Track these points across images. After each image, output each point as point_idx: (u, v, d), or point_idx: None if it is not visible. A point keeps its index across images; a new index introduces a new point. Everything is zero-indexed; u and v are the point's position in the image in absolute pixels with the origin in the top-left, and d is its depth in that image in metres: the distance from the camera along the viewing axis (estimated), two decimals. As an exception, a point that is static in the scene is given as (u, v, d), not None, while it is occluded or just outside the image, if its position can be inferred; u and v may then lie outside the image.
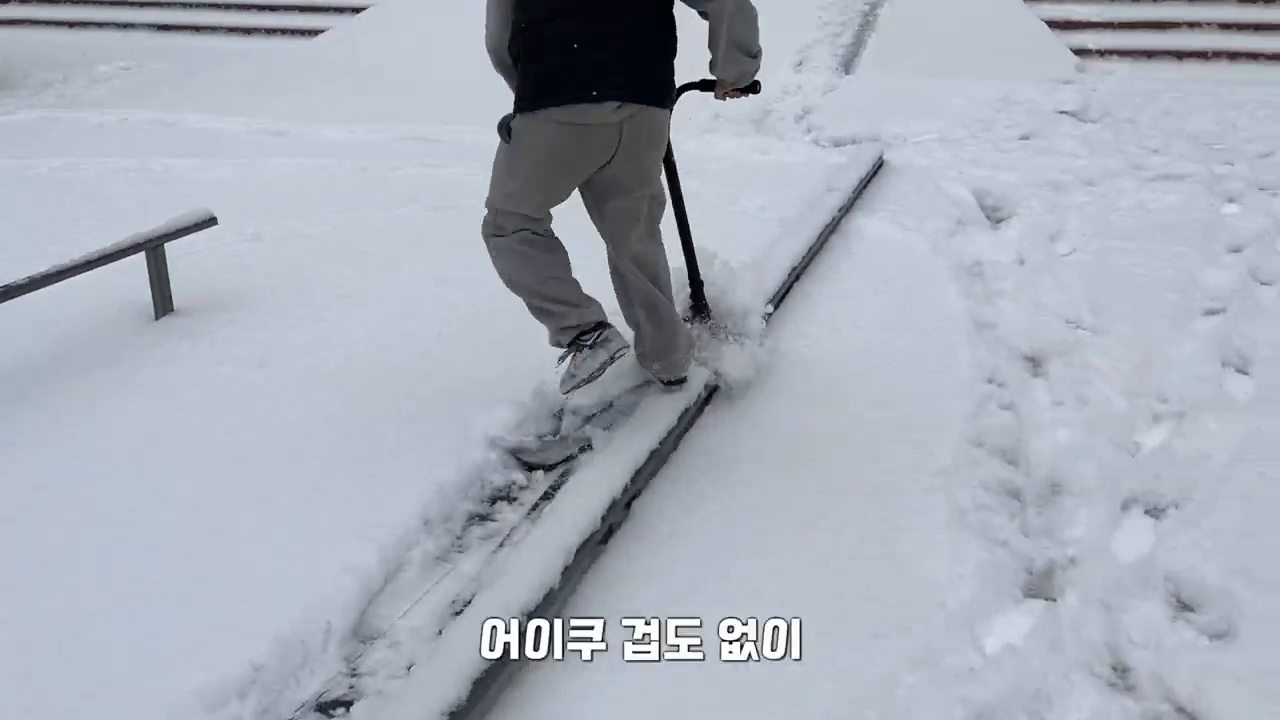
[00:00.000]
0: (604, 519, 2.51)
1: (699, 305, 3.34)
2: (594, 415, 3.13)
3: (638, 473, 2.72)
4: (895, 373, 3.48)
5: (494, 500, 2.79)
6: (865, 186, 5.62)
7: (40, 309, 3.73)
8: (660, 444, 2.87)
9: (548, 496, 2.72)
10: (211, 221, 4.11)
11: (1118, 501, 2.75)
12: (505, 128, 2.77)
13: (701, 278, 3.33)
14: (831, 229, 4.85)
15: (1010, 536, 2.60)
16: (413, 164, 6.26)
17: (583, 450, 2.94)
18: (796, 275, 4.26)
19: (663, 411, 3.03)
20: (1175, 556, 2.43)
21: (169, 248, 4.00)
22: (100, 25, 12.07)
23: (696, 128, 7.05)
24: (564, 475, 2.82)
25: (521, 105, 2.70)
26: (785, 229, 4.82)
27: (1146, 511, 2.74)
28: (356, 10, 11.44)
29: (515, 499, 2.80)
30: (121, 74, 9.73)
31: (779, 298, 3.99)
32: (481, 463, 2.86)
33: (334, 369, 3.44)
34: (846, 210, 5.14)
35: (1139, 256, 4.53)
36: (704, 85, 2.97)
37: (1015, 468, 2.95)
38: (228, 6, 11.98)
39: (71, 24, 12.25)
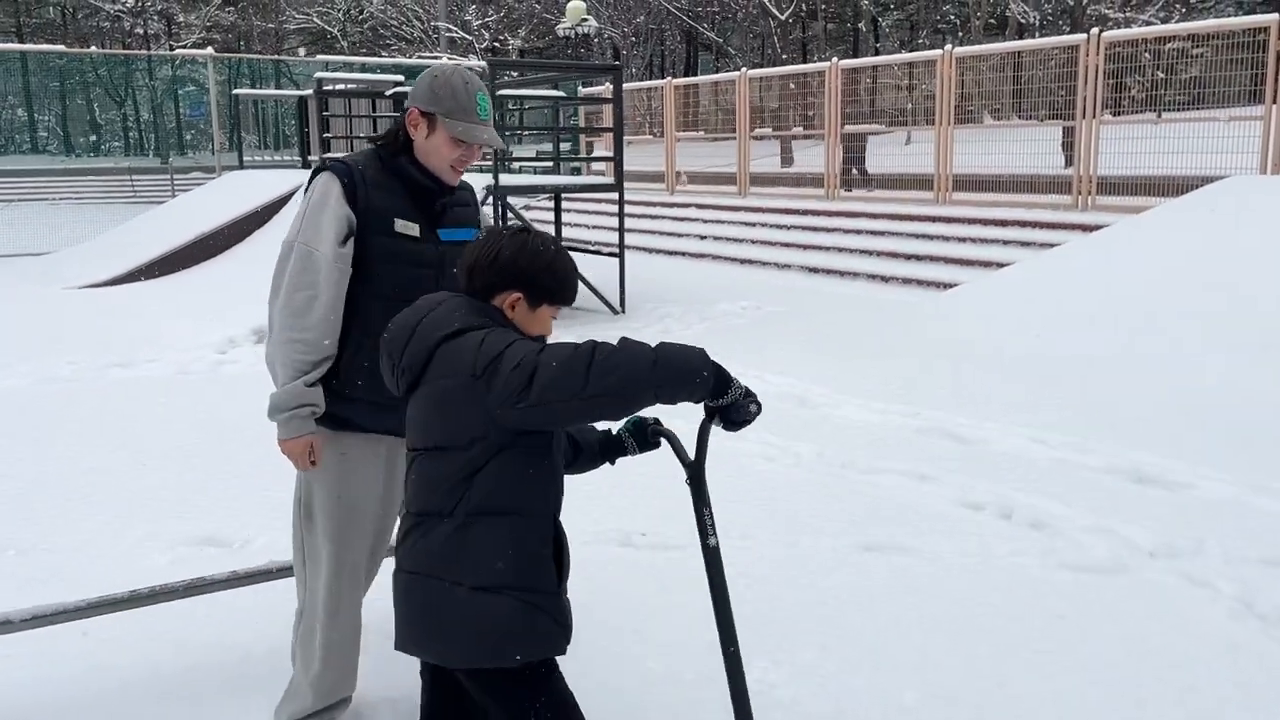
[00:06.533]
0: None
1: None
2: None
3: None
4: None
5: None
6: None
7: None
8: None
9: None
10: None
11: None
12: None
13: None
14: None
15: None
16: (896, 471, 4.96)
17: None
18: None
19: None
20: None
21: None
22: (762, 263, 12.77)
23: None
24: None
25: None
26: None
27: None
28: (1001, 265, 10.36)
29: None
30: (742, 311, 9.93)
31: None
32: None
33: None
34: None
35: None
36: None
37: None
38: (869, 253, 11.80)
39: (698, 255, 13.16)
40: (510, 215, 9.97)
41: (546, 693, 1.96)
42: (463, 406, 1.86)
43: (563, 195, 11.45)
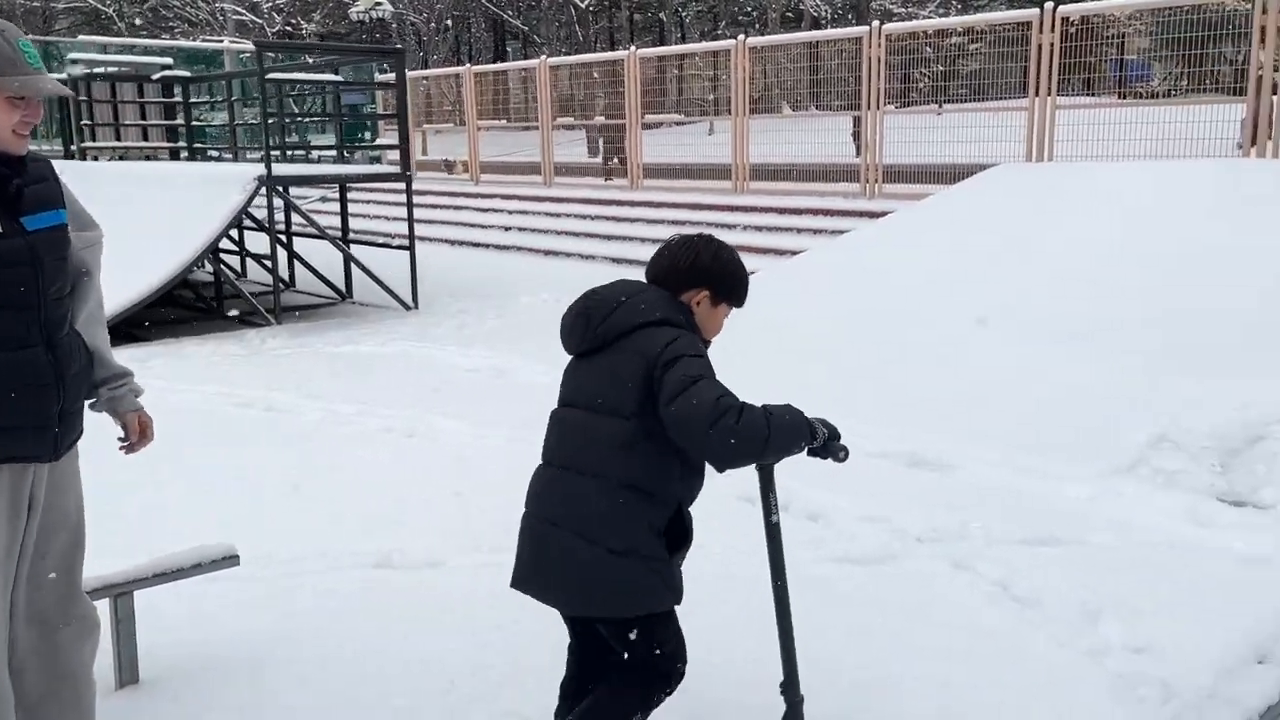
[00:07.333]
0: None
1: None
2: None
3: None
4: None
5: None
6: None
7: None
8: None
9: None
10: (230, 562, 3.05)
11: None
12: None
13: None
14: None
15: None
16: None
17: None
18: None
19: None
20: None
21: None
22: (566, 254, 12.60)
23: (1110, 465, 4.75)
24: None
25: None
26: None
27: None
28: (795, 253, 10.51)
29: None
30: (543, 303, 9.67)
31: None
32: None
33: None
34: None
35: None
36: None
37: None
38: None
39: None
40: (292, 211, 9.38)
41: (664, 635, 2.31)
42: (637, 381, 2.18)
43: (349, 185, 10.89)
